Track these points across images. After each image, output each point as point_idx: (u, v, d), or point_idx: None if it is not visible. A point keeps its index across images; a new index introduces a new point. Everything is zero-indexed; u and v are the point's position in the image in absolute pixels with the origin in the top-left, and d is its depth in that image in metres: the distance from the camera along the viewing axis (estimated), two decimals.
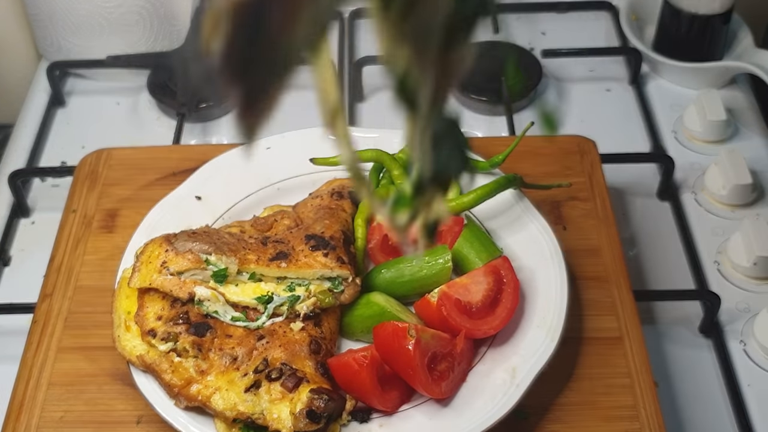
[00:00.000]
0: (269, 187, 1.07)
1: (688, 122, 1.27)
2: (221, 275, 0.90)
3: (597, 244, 1.04)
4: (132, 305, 0.91)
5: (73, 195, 1.12)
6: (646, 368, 0.93)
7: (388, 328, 0.86)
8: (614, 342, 0.95)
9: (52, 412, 0.91)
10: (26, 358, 0.95)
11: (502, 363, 0.89)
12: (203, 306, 0.90)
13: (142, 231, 1.01)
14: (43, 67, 1.41)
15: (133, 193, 1.11)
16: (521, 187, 1.03)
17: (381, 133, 1.10)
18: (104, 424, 0.90)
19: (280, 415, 0.83)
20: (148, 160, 1.16)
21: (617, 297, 0.99)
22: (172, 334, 0.87)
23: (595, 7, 1.51)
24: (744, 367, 1.02)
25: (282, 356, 0.87)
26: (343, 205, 1.01)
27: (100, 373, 0.94)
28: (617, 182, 1.20)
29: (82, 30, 1.35)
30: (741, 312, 1.07)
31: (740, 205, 1.18)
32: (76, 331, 0.97)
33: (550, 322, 0.91)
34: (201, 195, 1.05)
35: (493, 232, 1.01)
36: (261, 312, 0.91)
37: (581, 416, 0.90)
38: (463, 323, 0.89)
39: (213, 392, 0.85)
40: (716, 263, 1.12)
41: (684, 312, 1.08)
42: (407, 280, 0.95)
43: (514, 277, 0.92)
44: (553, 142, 1.15)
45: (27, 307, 1.04)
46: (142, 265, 0.92)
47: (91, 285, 1.02)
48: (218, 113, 1.36)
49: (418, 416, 0.87)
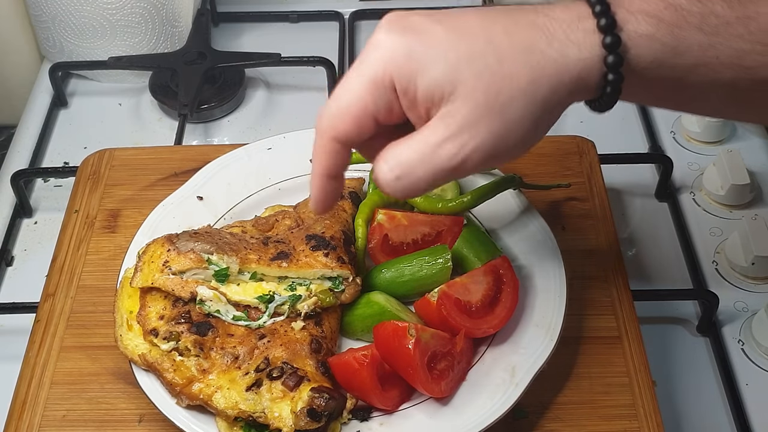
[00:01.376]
0: (270, 187, 1.08)
1: (686, 123, 1.28)
2: (223, 275, 0.91)
3: (596, 243, 1.04)
4: (134, 305, 0.92)
5: (76, 195, 1.12)
6: (644, 367, 0.93)
7: (388, 327, 0.87)
8: (613, 341, 0.95)
9: (54, 410, 0.92)
10: (29, 357, 0.96)
11: (502, 362, 0.90)
12: (205, 305, 0.90)
13: (144, 231, 1.01)
14: (45, 68, 1.42)
15: (135, 194, 1.12)
16: (520, 187, 1.04)
17: None
18: (106, 423, 0.91)
19: (281, 414, 0.84)
20: (150, 160, 1.16)
21: (616, 296, 0.99)
22: (174, 333, 0.88)
23: None
24: (742, 366, 1.02)
25: (283, 355, 0.88)
26: (343, 205, 1.02)
27: (103, 372, 0.94)
28: (616, 182, 1.21)
29: (84, 31, 1.36)
30: (739, 311, 1.07)
31: (738, 206, 1.18)
32: (79, 331, 0.98)
33: (549, 321, 0.92)
34: (203, 195, 1.06)
35: (493, 232, 1.02)
36: (262, 311, 0.91)
37: (580, 415, 0.90)
38: (462, 322, 0.90)
39: (214, 391, 0.85)
40: (714, 263, 1.12)
41: (682, 311, 1.08)
42: (407, 280, 0.96)
43: (513, 276, 0.93)
44: (553, 143, 1.15)
45: (29, 307, 1.04)
46: (144, 264, 0.92)
47: (94, 284, 1.02)
48: (219, 114, 1.36)
49: (418, 415, 0.87)
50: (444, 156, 0.66)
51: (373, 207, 1.02)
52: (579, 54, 0.65)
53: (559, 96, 0.66)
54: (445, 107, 0.66)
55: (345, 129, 0.69)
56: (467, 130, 0.65)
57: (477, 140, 0.66)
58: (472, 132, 0.65)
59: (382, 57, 0.67)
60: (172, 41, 1.40)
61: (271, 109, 1.38)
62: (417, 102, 0.67)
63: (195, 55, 1.36)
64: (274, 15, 1.53)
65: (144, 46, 1.39)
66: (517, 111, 0.65)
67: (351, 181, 1.06)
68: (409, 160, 0.67)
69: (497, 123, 0.65)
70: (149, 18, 1.36)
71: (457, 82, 0.65)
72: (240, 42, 1.50)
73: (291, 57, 1.37)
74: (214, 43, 1.44)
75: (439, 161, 0.66)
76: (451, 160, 0.66)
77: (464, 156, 0.66)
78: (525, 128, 0.67)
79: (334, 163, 0.72)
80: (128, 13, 1.34)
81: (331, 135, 0.70)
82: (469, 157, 0.66)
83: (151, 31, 1.37)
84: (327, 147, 0.71)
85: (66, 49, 1.39)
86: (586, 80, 0.66)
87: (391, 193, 0.69)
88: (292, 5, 1.53)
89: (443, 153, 0.66)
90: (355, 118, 0.69)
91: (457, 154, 0.66)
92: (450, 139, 0.66)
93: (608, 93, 0.67)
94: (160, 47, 1.40)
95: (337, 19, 1.50)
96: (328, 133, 0.70)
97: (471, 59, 0.65)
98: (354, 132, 0.69)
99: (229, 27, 1.51)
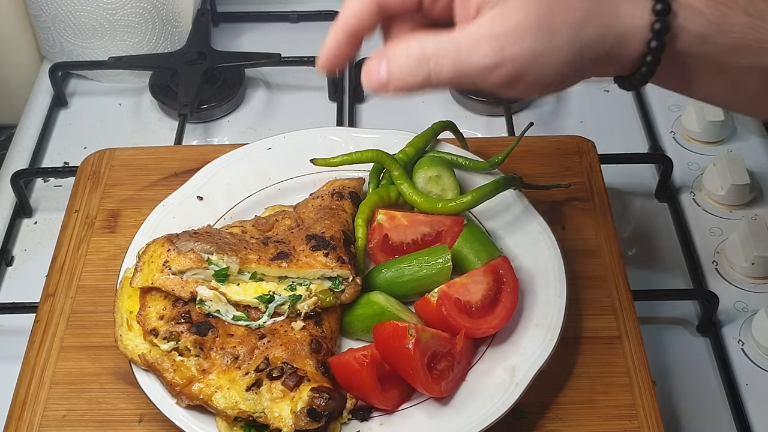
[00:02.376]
0: (270, 187, 1.08)
1: (686, 123, 1.28)
2: (223, 275, 0.91)
3: (596, 243, 1.04)
4: (134, 305, 0.92)
5: (76, 195, 1.12)
6: (644, 367, 0.93)
7: (388, 327, 0.87)
8: (613, 341, 0.95)
9: (54, 410, 0.92)
10: (29, 357, 0.96)
11: (502, 362, 0.90)
12: (205, 305, 0.90)
13: (144, 231, 1.01)
14: (45, 68, 1.42)
15: (135, 194, 1.12)
16: (520, 187, 1.04)
17: (381, 134, 1.11)
18: (106, 423, 0.91)
19: (281, 414, 0.84)
20: (150, 160, 1.16)
21: (616, 296, 0.99)
22: (174, 333, 0.88)
23: None
24: (742, 366, 1.03)
25: (283, 355, 0.88)
26: (343, 205, 1.02)
27: (103, 372, 0.94)
28: (616, 182, 1.21)
29: (84, 31, 1.36)
30: (739, 311, 1.07)
31: (738, 206, 1.18)
32: (79, 331, 0.98)
33: (549, 321, 0.92)
34: (203, 195, 1.06)
35: (493, 232, 1.02)
36: (262, 311, 0.91)
37: (580, 415, 0.90)
38: (462, 322, 0.90)
39: (214, 391, 0.85)
40: (714, 263, 1.13)
41: (682, 311, 1.08)
42: (407, 280, 0.96)
43: (513, 276, 0.93)
44: (552, 143, 1.15)
45: (29, 307, 1.04)
46: (144, 264, 0.92)
47: (94, 284, 1.02)
48: (219, 114, 1.36)
49: (418, 415, 0.88)
50: (479, 53, 0.65)
51: (373, 207, 1.02)
52: (631, 11, 0.66)
53: (601, 46, 0.66)
54: (500, 7, 0.65)
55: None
56: (512, 35, 0.64)
57: (515, 50, 0.65)
58: (515, 39, 0.64)
59: None
60: (172, 41, 1.40)
61: (271, 109, 1.38)
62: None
63: (195, 55, 1.36)
64: (274, 15, 1.53)
65: (144, 46, 1.39)
66: (563, 39, 0.65)
67: (351, 181, 1.06)
68: (440, 50, 0.66)
69: (541, 41, 0.65)
70: (149, 18, 1.36)
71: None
72: (240, 42, 1.50)
73: (291, 57, 1.37)
74: (214, 43, 1.44)
75: (472, 58, 0.65)
76: (484, 59, 0.65)
77: (497, 61, 0.65)
78: (562, 61, 0.66)
79: (361, 19, 0.70)
80: (128, 13, 1.34)
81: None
82: (502, 64, 0.65)
83: (151, 31, 1.37)
84: (364, 3, 0.70)
85: (66, 49, 1.39)
86: (629, 42, 0.66)
87: (394, 84, 0.67)
88: (292, 5, 1.53)
89: (480, 50, 0.65)
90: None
91: (492, 56, 0.65)
92: (491, 39, 0.65)
93: (647, 63, 0.67)
94: (160, 47, 1.40)
95: None
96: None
97: None
98: None
99: (229, 27, 1.52)
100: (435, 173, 1.04)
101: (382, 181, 1.06)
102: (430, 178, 1.04)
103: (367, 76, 0.69)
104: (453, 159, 1.07)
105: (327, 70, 0.75)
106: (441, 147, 1.09)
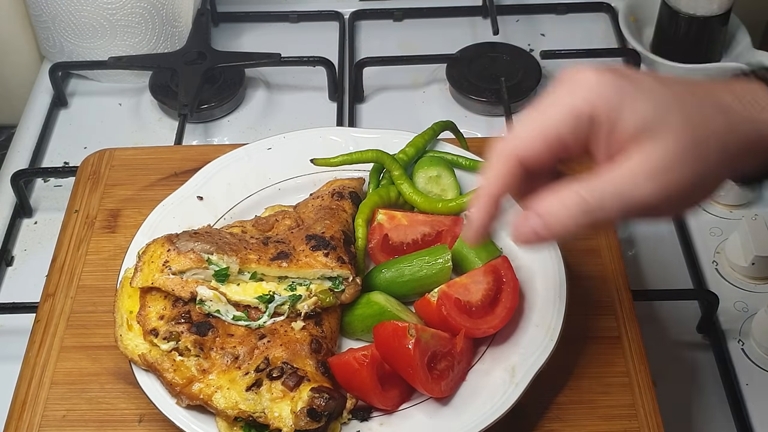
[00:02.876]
0: (270, 187, 1.08)
1: None
2: (223, 275, 0.91)
3: (596, 244, 1.04)
4: (134, 305, 0.92)
5: (76, 195, 1.12)
6: (644, 367, 0.93)
7: (388, 327, 0.87)
8: (613, 341, 0.95)
9: (54, 410, 0.92)
10: (29, 357, 0.96)
11: (502, 362, 0.90)
12: (205, 305, 0.90)
13: (144, 231, 1.01)
14: (45, 68, 1.42)
15: (135, 194, 1.12)
16: None
17: (381, 133, 1.11)
18: (106, 423, 0.91)
19: (281, 414, 0.84)
20: (150, 160, 1.16)
21: (616, 297, 0.99)
22: (174, 333, 0.88)
23: (594, 9, 1.51)
24: (742, 366, 1.03)
25: (283, 355, 0.88)
26: (343, 205, 1.02)
27: (103, 372, 0.94)
28: None
29: (84, 31, 1.36)
30: (739, 311, 1.07)
31: (738, 206, 1.18)
32: (79, 331, 0.98)
33: (549, 321, 0.92)
34: (203, 195, 1.06)
35: (493, 232, 1.02)
36: (262, 311, 0.91)
37: (580, 415, 0.90)
38: (462, 322, 0.90)
39: (214, 391, 0.85)
40: (714, 263, 1.13)
41: (682, 311, 1.08)
42: (407, 280, 0.96)
43: (513, 276, 0.93)
44: None
45: (29, 307, 1.04)
46: (144, 264, 0.92)
47: (94, 285, 1.02)
48: (219, 114, 1.36)
49: (418, 415, 0.88)
50: (645, 190, 0.66)
51: (373, 207, 1.02)
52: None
53: (745, 151, 0.69)
54: (652, 144, 0.66)
55: (534, 148, 0.69)
56: (674, 168, 0.66)
57: (680, 179, 0.66)
58: (677, 170, 0.66)
59: (585, 87, 0.68)
60: (172, 41, 1.40)
61: (271, 109, 1.38)
62: (617, 135, 0.67)
63: (195, 55, 1.36)
64: (274, 15, 1.53)
65: (144, 46, 1.39)
66: (715, 155, 0.67)
67: (351, 181, 1.06)
68: (600, 192, 0.67)
69: (700, 165, 0.67)
70: (149, 18, 1.36)
71: (667, 122, 0.66)
72: (240, 42, 1.50)
73: (291, 57, 1.37)
74: (214, 43, 1.44)
75: (638, 194, 0.66)
76: (650, 198, 0.66)
77: (666, 193, 0.66)
78: (719, 174, 0.69)
79: (508, 183, 0.71)
80: (128, 13, 1.34)
81: (515, 153, 0.70)
82: (670, 195, 0.66)
83: (151, 31, 1.37)
84: (506, 165, 0.71)
85: (66, 49, 1.39)
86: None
87: (554, 235, 0.68)
88: (292, 5, 1.53)
89: (646, 187, 0.66)
90: (547, 141, 0.69)
91: (659, 189, 0.66)
92: (655, 175, 0.66)
93: None
94: (160, 47, 1.40)
95: (337, 19, 1.50)
96: (513, 152, 0.70)
97: (681, 102, 0.67)
98: (542, 153, 0.69)
99: (229, 27, 1.52)
100: (435, 173, 1.04)
101: (382, 181, 1.06)
102: (430, 178, 1.04)
103: (521, 237, 0.71)
104: (453, 159, 1.07)
105: (479, 242, 0.77)
106: (441, 147, 1.09)
